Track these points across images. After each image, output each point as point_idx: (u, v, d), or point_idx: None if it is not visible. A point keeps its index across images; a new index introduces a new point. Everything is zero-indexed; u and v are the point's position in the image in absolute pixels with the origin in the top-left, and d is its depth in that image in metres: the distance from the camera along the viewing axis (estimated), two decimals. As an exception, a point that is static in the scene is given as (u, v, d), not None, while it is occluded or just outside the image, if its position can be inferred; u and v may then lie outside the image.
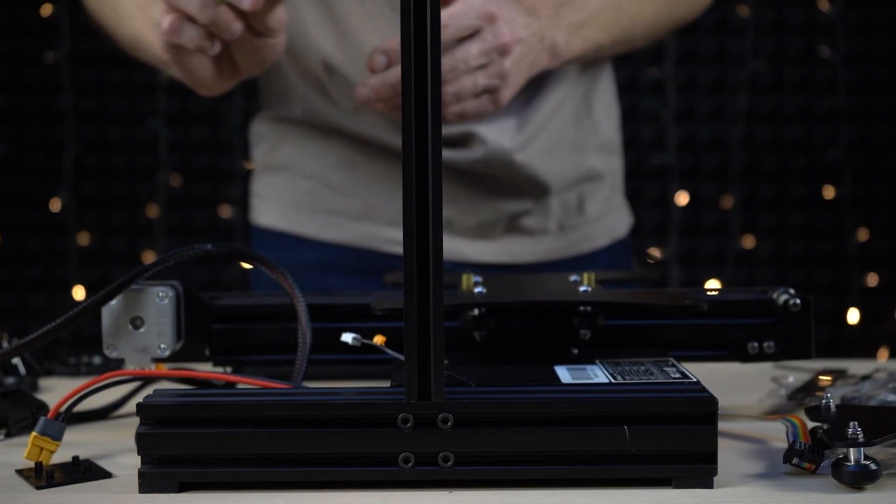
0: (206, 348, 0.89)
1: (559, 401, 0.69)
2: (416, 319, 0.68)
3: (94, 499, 0.70)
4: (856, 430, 0.69)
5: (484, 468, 0.69)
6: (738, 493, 0.69)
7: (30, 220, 2.50)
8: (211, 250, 0.83)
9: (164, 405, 0.70)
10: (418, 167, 0.68)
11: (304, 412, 0.70)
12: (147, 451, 0.70)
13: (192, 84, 1.06)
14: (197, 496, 0.70)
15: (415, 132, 0.68)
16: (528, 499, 0.68)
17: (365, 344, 0.80)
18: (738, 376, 0.98)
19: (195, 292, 0.87)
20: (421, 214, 0.68)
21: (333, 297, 0.93)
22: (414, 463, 0.69)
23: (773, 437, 0.81)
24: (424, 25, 0.67)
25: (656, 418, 0.69)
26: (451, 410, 0.69)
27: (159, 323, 0.84)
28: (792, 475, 0.72)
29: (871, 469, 0.68)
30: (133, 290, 0.83)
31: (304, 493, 0.69)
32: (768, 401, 0.94)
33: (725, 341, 0.88)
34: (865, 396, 0.89)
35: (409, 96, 0.68)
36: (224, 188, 2.47)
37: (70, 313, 0.80)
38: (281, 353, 0.88)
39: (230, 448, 0.70)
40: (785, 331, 0.87)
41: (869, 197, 2.41)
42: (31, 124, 2.49)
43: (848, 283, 2.41)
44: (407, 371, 0.69)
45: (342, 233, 1.26)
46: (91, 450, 0.80)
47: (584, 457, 0.69)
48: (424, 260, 0.68)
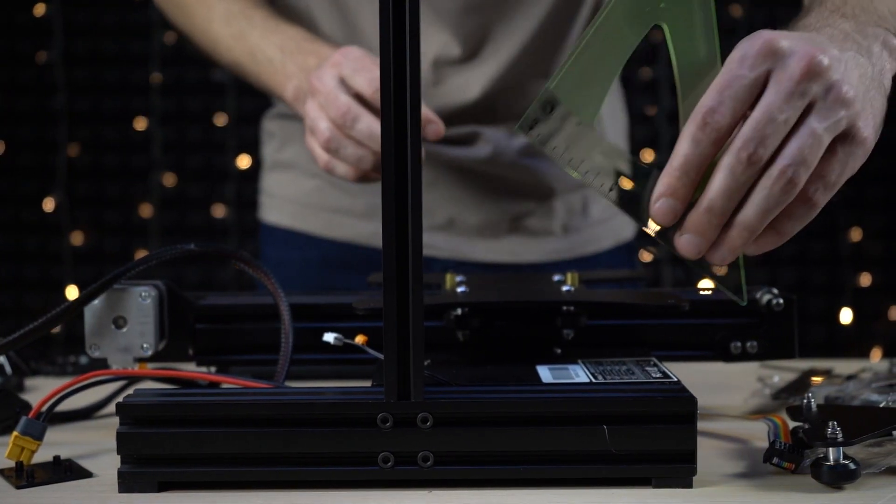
0: (189, 348, 0.89)
1: (538, 400, 0.69)
2: (395, 319, 0.68)
3: (73, 498, 0.70)
4: (835, 430, 0.69)
5: (463, 468, 0.69)
6: (717, 492, 0.69)
7: (24, 220, 2.50)
8: (193, 249, 0.83)
9: (143, 405, 0.70)
10: (397, 167, 0.68)
11: (283, 412, 0.69)
12: (126, 451, 0.70)
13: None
14: (176, 496, 0.70)
15: (394, 133, 0.68)
16: (507, 498, 0.68)
17: (347, 344, 0.80)
18: (724, 376, 0.98)
19: (179, 292, 0.87)
20: (400, 214, 0.68)
21: (317, 296, 0.93)
22: (393, 463, 0.69)
23: (756, 437, 0.81)
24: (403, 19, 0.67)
25: (636, 418, 0.69)
26: (430, 410, 0.69)
27: (142, 322, 0.84)
28: (772, 475, 0.72)
29: (851, 468, 0.68)
30: (116, 289, 0.83)
31: (283, 493, 0.69)
32: (753, 400, 0.94)
33: (709, 341, 0.88)
34: (849, 396, 0.89)
35: (388, 99, 0.67)
36: (218, 188, 2.48)
37: (52, 313, 0.80)
38: (265, 353, 0.88)
39: (209, 448, 0.70)
40: (768, 330, 0.87)
41: (862, 197, 2.41)
42: (24, 124, 2.49)
43: (841, 284, 2.41)
44: (386, 371, 0.69)
45: (347, 231, 1.26)
46: (73, 449, 0.80)
47: (563, 456, 0.69)
48: (404, 260, 0.68)
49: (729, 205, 0.66)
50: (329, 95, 0.98)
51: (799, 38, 0.68)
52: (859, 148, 0.68)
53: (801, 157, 0.65)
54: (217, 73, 2.44)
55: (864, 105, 0.68)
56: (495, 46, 1.18)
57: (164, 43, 2.46)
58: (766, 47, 0.66)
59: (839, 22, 0.75)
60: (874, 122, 0.70)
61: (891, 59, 0.74)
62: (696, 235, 0.67)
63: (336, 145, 0.99)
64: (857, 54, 0.71)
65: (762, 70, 0.66)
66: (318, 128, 1.00)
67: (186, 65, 2.44)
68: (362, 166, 0.99)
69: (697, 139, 0.66)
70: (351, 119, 0.97)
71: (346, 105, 0.97)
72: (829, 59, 0.66)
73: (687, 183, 0.67)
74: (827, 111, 0.66)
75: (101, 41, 2.48)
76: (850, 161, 0.68)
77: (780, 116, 0.65)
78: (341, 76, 0.99)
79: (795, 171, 0.65)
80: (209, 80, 2.46)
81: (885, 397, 0.84)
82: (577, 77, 0.70)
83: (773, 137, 0.65)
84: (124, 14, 2.48)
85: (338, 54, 1.01)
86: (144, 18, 2.45)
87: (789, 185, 0.65)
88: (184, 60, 2.44)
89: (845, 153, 0.68)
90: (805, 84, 0.65)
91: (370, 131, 0.97)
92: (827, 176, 0.68)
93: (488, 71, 1.18)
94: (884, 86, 0.73)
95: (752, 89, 0.66)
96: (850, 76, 0.68)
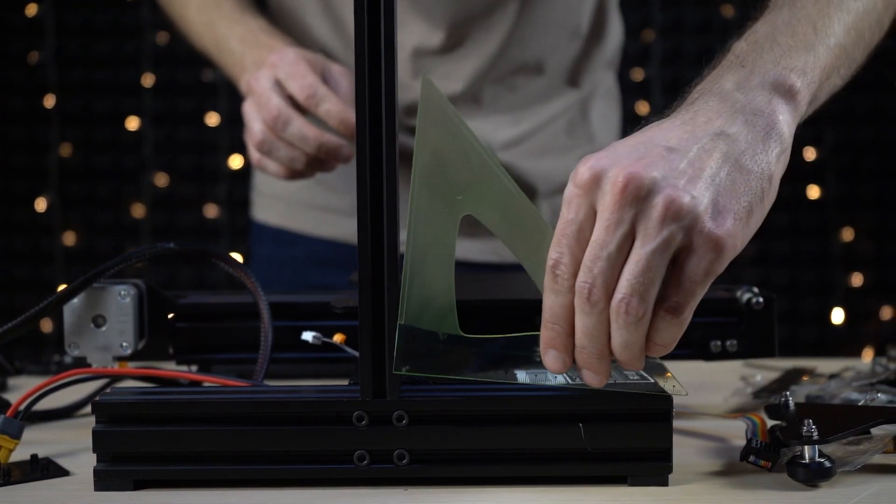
0: (169, 347, 0.89)
1: (514, 399, 0.69)
2: (370, 317, 0.68)
3: (48, 497, 0.70)
4: (810, 428, 0.69)
5: (439, 466, 0.69)
6: (693, 489, 0.69)
7: (15, 221, 2.50)
8: (173, 248, 0.84)
9: (118, 403, 0.70)
10: (372, 166, 0.68)
11: (259, 410, 0.69)
12: (102, 449, 0.70)
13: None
14: (152, 494, 0.69)
15: (368, 133, 0.68)
16: (482, 497, 0.68)
17: (325, 342, 0.80)
18: (707, 375, 0.98)
19: (159, 291, 0.87)
20: (375, 213, 0.68)
21: (297, 295, 0.93)
22: (369, 461, 0.69)
23: (734, 436, 0.81)
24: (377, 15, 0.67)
25: (611, 416, 0.69)
26: (406, 408, 0.69)
27: (121, 321, 0.84)
28: (749, 473, 0.72)
29: (826, 467, 0.68)
30: (95, 288, 0.84)
31: (259, 491, 0.69)
32: (734, 399, 0.94)
33: (688, 340, 0.87)
34: (830, 395, 0.89)
35: (363, 96, 0.67)
36: (210, 188, 2.47)
37: (30, 312, 0.80)
38: (245, 352, 0.88)
39: (185, 446, 0.70)
40: (748, 329, 0.87)
41: (853, 197, 2.42)
42: (16, 124, 2.49)
43: (832, 283, 2.41)
44: (361, 369, 0.69)
45: (334, 229, 1.27)
46: (53, 448, 0.80)
47: (539, 455, 0.69)
48: (379, 258, 0.68)
49: (595, 342, 0.65)
50: (262, 97, 1.02)
51: (627, 153, 0.65)
52: (711, 251, 0.64)
53: (631, 288, 0.63)
54: (209, 74, 2.44)
55: (715, 199, 0.64)
56: (478, 37, 1.18)
57: (156, 43, 2.46)
58: (584, 182, 0.65)
59: (728, 78, 0.71)
60: (737, 209, 0.65)
61: (784, 100, 0.70)
62: (588, 371, 0.67)
63: (269, 147, 1.03)
64: (720, 133, 0.67)
65: (586, 207, 0.65)
66: (252, 129, 1.04)
67: (178, 65, 2.44)
68: (295, 167, 1.04)
69: (554, 290, 0.66)
70: (282, 122, 1.01)
71: (278, 108, 1.01)
72: (648, 175, 0.63)
73: (561, 332, 0.66)
74: (651, 231, 0.63)
75: (93, 41, 2.48)
76: (706, 265, 0.64)
77: (604, 252, 0.63)
78: (277, 79, 1.02)
79: (629, 301, 0.63)
80: (201, 81, 2.46)
81: (865, 396, 0.84)
82: (418, 299, 0.69)
83: (605, 274, 0.64)
84: (116, 14, 2.48)
85: (274, 56, 1.03)
86: (136, 19, 2.45)
87: (629, 316, 0.63)
88: (176, 61, 2.44)
89: (697, 259, 0.64)
90: (621, 212, 0.63)
91: (301, 134, 1.01)
92: (682, 288, 0.64)
93: (472, 62, 1.18)
94: (770, 140, 0.68)
95: (583, 230, 0.65)
96: (689, 177, 0.64)
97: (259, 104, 1.03)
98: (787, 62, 0.72)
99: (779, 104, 0.70)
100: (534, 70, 1.22)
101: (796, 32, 0.74)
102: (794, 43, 0.73)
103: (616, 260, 0.64)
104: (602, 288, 0.64)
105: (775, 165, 0.68)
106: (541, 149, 1.24)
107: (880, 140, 2.41)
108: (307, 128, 1.01)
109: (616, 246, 0.63)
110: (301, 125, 1.01)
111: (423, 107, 0.67)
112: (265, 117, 1.02)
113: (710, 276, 0.65)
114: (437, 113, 0.68)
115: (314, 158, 1.03)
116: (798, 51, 0.73)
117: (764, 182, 0.67)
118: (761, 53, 0.72)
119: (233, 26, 1.14)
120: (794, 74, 0.71)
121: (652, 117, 0.70)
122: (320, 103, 1.01)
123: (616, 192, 0.63)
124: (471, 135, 0.68)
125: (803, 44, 0.73)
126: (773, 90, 0.70)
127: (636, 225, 0.64)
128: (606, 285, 0.64)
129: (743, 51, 0.73)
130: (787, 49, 0.73)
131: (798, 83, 0.71)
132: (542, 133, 1.24)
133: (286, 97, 1.02)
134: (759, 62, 0.71)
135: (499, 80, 1.20)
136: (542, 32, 1.21)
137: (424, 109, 0.67)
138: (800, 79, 0.71)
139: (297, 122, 1.01)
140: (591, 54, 1.27)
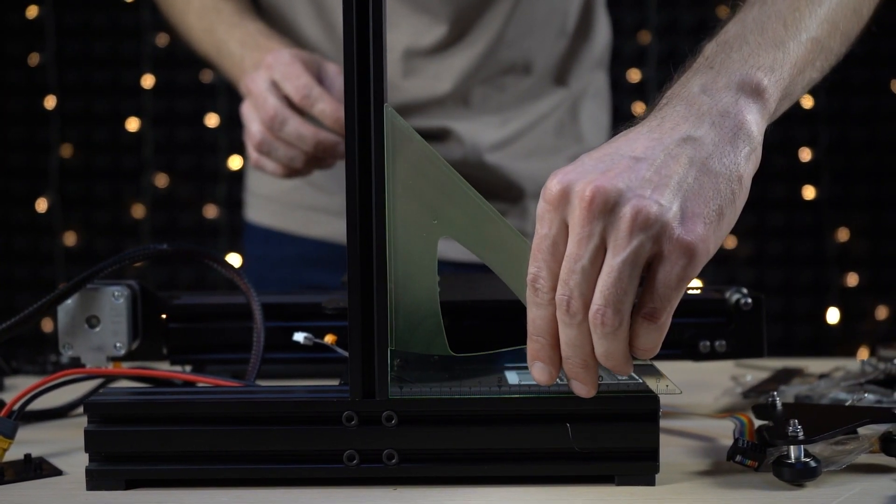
0: (163, 347, 0.90)
1: (502, 399, 0.70)
2: (359, 318, 0.69)
3: (41, 496, 0.71)
4: (796, 428, 0.69)
5: (428, 466, 0.70)
6: (679, 489, 0.70)
7: (15, 221, 2.51)
8: (166, 249, 0.84)
9: (110, 403, 0.71)
10: (361, 166, 0.68)
11: (249, 410, 0.70)
12: (94, 449, 0.71)
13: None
14: (144, 493, 0.70)
15: (357, 131, 0.68)
16: (470, 496, 0.69)
17: (317, 343, 0.81)
18: (698, 375, 0.99)
19: (152, 291, 0.88)
20: (364, 213, 0.69)
21: (289, 296, 0.94)
22: (359, 460, 0.70)
23: (722, 436, 0.82)
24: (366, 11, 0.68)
25: (599, 416, 0.70)
26: (395, 408, 0.69)
27: (115, 322, 0.84)
28: (736, 473, 0.73)
29: (811, 466, 0.69)
30: (89, 289, 0.84)
31: (249, 490, 0.70)
32: (724, 399, 0.95)
33: (677, 340, 0.88)
34: (818, 395, 0.89)
35: (352, 94, 0.68)
36: (209, 188, 2.48)
37: (25, 312, 0.81)
38: (237, 352, 0.89)
39: (176, 445, 0.70)
40: (737, 330, 0.88)
41: (848, 197, 2.42)
42: (16, 125, 2.50)
43: (827, 283, 2.42)
44: (351, 369, 0.69)
45: (324, 229, 1.28)
46: (47, 447, 0.81)
47: (527, 454, 0.70)
48: (368, 258, 0.69)
49: (579, 351, 0.66)
50: (259, 98, 1.04)
51: (593, 166, 0.65)
52: (682, 257, 0.64)
53: (604, 299, 0.64)
54: (208, 75, 2.45)
55: (683, 205, 0.65)
56: (469, 36, 1.19)
57: (156, 45, 2.47)
58: (553, 197, 0.65)
59: (696, 81, 0.70)
60: (706, 213, 0.65)
61: (751, 99, 0.70)
62: (576, 381, 0.68)
63: (268, 148, 1.05)
64: (687, 138, 0.67)
65: (558, 222, 0.65)
66: (251, 130, 1.05)
67: (178, 66, 2.45)
68: (294, 165, 1.05)
69: (535, 304, 0.67)
70: (279, 123, 1.02)
71: (274, 109, 1.02)
72: (613, 186, 0.64)
73: (545, 344, 0.67)
74: (621, 242, 0.64)
75: (92, 43, 2.48)
76: (679, 271, 0.64)
77: (578, 265, 0.64)
78: (272, 80, 1.03)
79: (604, 312, 0.64)
80: (200, 82, 2.46)
81: (853, 395, 0.85)
82: (407, 323, 0.70)
83: (581, 286, 0.64)
84: (116, 16, 2.49)
85: (270, 57, 1.05)
86: (136, 20, 2.46)
87: (604, 326, 0.64)
88: (175, 62, 2.44)
89: (670, 266, 0.64)
90: (590, 225, 0.64)
91: (298, 133, 1.02)
92: (657, 294, 0.65)
93: (461, 62, 1.19)
94: (739, 141, 0.68)
95: (557, 245, 0.66)
96: (655, 185, 0.65)
97: (256, 105, 1.05)
98: (754, 60, 0.72)
99: (746, 104, 0.70)
100: (522, 70, 1.23)
101: (765, 30, 0.74)
102: (763, 40, 0.73)
103: (590, 272, 0.64)
104: (579, 300, 0.65)
105: (744, 166, 0.68)
106: (529, 150, 1.25)
107: (875, 140, 2.41)
108: (304, 127, 1.03)
109: (589, 259, 0.64)
110: (297, 125, 1.03)
111: (390, 137, 0.68)
112: (262, 118, 1.04)
113: (683, 281, 0.65)
114: (404, 141, 0.68)
115: (312, 157, 1.04)
116: (766, 48, 0.73)
117: (734, 183, 0.67)
118: (729, 53, 0.72)
119: (232, 30, 1.15)
120: (761, 72, 0.71)
121: (622, 126, 0.71)
122: (315, 103, 1.02)
123: (584, 206, 0.64)
124: (438, 158, 0.69)
125: (772, 41, 0.73)
126: (739, 90, 0.70)
127: (606, 237, 0.64)
128: (583, 297, 0.65)
129: (712, 52, 0.73)
130: (756, 47, 0.73)
131: (765, 80, 0.71)
132: (530, 134, 1.25)
133: (282, 98, 1.04)
134: (727, 62, 0.72)
135: (487, 80, 1.21)
136: (530, 31, 1.21)
137: (391, 140, 0.68)
138: (767, 76, 0.71)
139: (294, 121, 1.03)
140: (578, 53, 1.27)
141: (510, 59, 1.21)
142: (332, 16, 1.20)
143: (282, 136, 1.03)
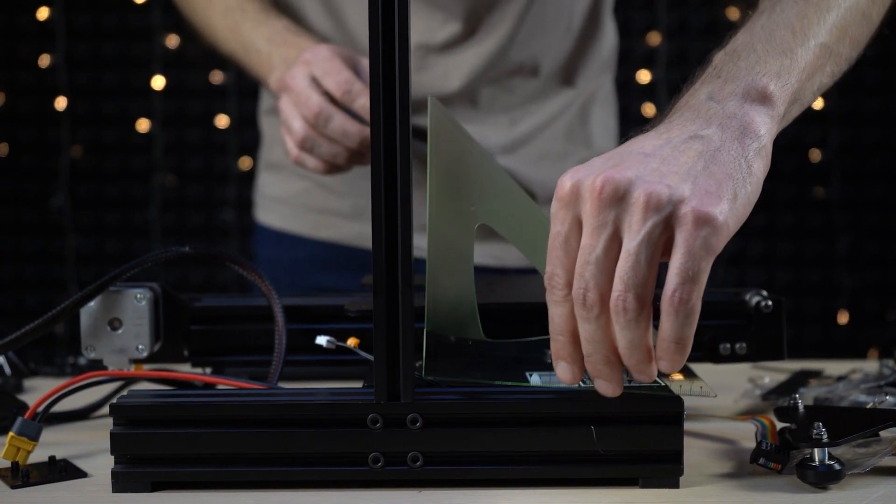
0: (184, 349, 0.90)
1: (527, 401, 0.70)
2: (384, 321, 0.69)
3: (67, 498, 0.71)
4: (820, 431, 0.70)
5: (452, 468, 0.70)
6: (704, 492, 0.70)
7: (26, 221, 2.51)
8: (188, 252, 0.85)
9: (136, 406, 0.71)
10: (387, 169, 0.69)
11: (274, 413, 0.70)
12: (120, 451, 0.71)
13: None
14: (169, 495, 0.70)
15: (383, 136, 0.68)
16: (495, 498, 0.69)
17: (339, 346, 0.81)
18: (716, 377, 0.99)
19: (174, 294, 0.88)
20: (389, 217, 0.69)
21: (311, 298, 0.94)
22: (383, 463, 0.70)
23: (744, 438, 0.82)
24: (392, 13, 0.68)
25: (623, 419, 0.70)
26: (420, 411, 0.69)
27: (137, 324, 0.85)
28: (758, 475, 0.73)
29: (835, 469, 0.69)
30: (111, 291, 0.84)
31: (274, 493, 0.70)
32: (743, 401, 0.95)
33: (698, 342, 0.86)
34: (838, 397, 0.89)
35: (378, 103, 0.68)
36: (219, 189, 2.49)
37: (48, 315, 0.81)
38: (259, 354, 0.89)
39: (202, 448, 0.70)
40: (757, 332, 0.88)
41: (858, 198, 2.42)
42: (27, 126, 2.50)
43: (837, 284, 2.42)
44: (376, 372, 0.69)
45: (334, 231, 1.28)
46: (70, 449, 0.81)
47: (551, 457, 0.70)
48: (393, 262, 0.69)
49: (600, 347, 0.66)
50: (301, 95, 1.03)
51: (602, 163, 0.66)
52: (703, 227, 0.63)
53: (624, 284, 0.63)
54: (218, 76, 2.45)
55: (695, 185, 0.64)
56: (481, 34, 1.19)
57: (166, 46, 2.47)
58: (565, 195, 0.66)
59: (703, 90, 0.71)
60: (720, 190, 0.65)
61: (758, 104, 0.70)
62: (600, 378, 0.67)
63: (311, 144, 1.04)
64: (694, 136, 0.68)
65: (570, 218, 0.66)
66: (293, 126, 1.04)
67: (188, 67, 2.45)
68: (336, 161, 1.05)
69: (553, 302, 0.67)
70: (324, 119, 1.02)
71: (319, 105, 1.02)
72: (623, 175, 0.64)
73: (566, 343, 0.67)
74: (634, 225, 0.64)
75: (103, 44, 2.49)
76: (702, 242, 0.64)
77: (591, 256, 0.64)
78: (312, 76, 1.02)
79: (625, 298, 0.63)
80: (210, 83, 2.47)
81: (873, 398, 0.85)
82: (441, 306, 0.70)
83: (596, 277, 0.64)
84: (126, 17, 2.49)
85: (308, 53, 1.05)
86: (146, 22, 2.46)
87: (627, 312, 0.64)
88: (185, 63, 2.45)
89: (692, 238, 0.63)
90: (602, 214, 0.64)
91: (343, 129, 1.02)
92: (682, 271, 0.64)
93: (470, 62, 1.19)
94: (746, 138, 0.68)
95: (570, 241, 0.66)
96: (662, 173, 0.65)
97: (298, 102, 1.04)
98: (760, 67, 0.72)
99: (752, 108, 0.70)
100: (530, 71, 1.23)
101: (773, 37, 0.75)
102: (771, 48, 0.74)
103: (605, 262, 0.64)
104: (595, 291, 0.64)
105: (754, 158, 0.68)
106: (539, 154, 1.25)
107: (886, 141, 2.41)
108: (349, 123, 1.02)
109: (602, 248, 0.64)
110: (342, 121, 1.02)
111: (434, 126, 0.69)
112: (306, 115, 1.03)
113: (709, 252, 0.64)
114: (448, 130, 0.69)
115: (355, 152, 1.04)
116: (773, 55, 0.73)
117: (744, 171, 0.67)
118: (736, 62, 0.73)
119: (258, 27, 1.15)
120: (767, 78, 0.71)
121: (631, 132, 0.72)
122: (356, 98, 1.02)
123: (595, 196, 0.64)
124: (478, 148, 0.70)
125: (780, 48, 0.74)
126: (745, 96, 0.71)
127: (620, 225, 0.64)
128: (599, 288, 0.64)
129: (721, 61, 0.74)
130: (763, 55, 0.73)
131: (771, 86, 0.71)
132: (539, 137, 1.25)
133: (323, 93, 1.03)
134: (734, 71, 0.72)
135: (495, 80, 1.22)
136: (540, 32, 1.22)
137: (435, 128, 0.69)
138: (773, 81, 0.71)
139: (339, 117, 1.02)
140: (585, 53, 1.27)
141: (519, 60, 1.22)
142: (341, 10, 1.20)
143: (326, 133, 1.03)
